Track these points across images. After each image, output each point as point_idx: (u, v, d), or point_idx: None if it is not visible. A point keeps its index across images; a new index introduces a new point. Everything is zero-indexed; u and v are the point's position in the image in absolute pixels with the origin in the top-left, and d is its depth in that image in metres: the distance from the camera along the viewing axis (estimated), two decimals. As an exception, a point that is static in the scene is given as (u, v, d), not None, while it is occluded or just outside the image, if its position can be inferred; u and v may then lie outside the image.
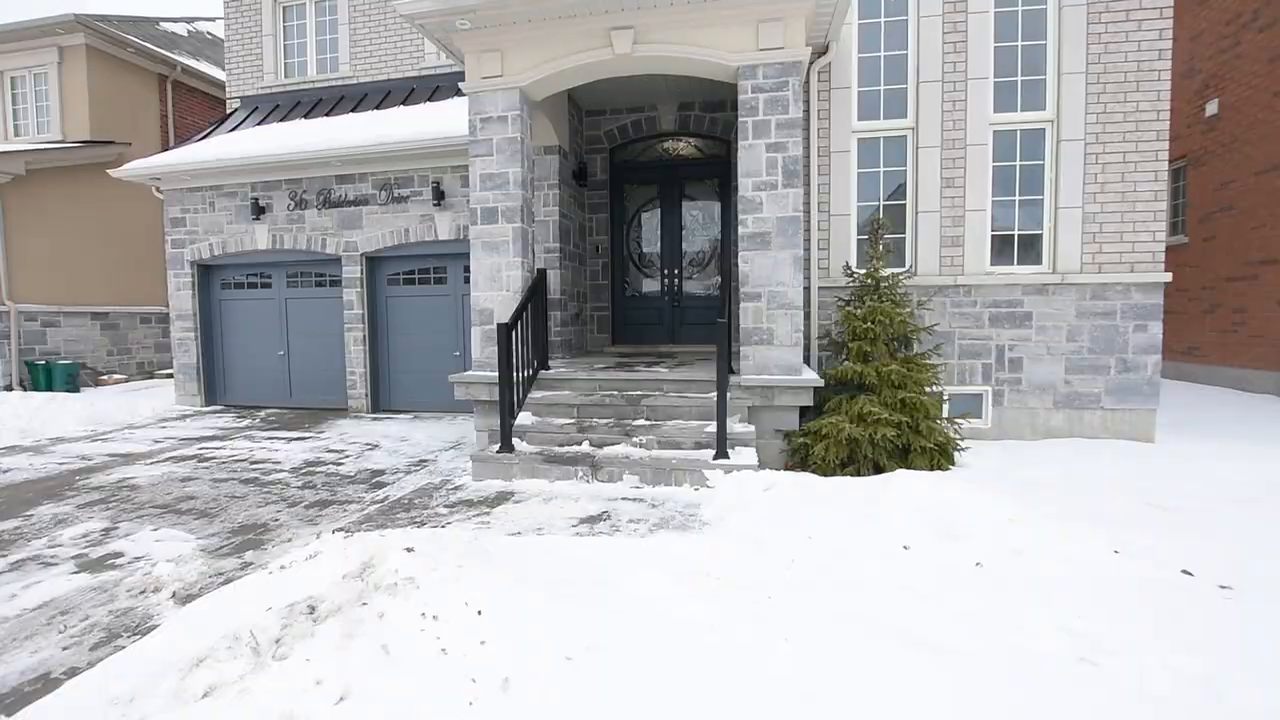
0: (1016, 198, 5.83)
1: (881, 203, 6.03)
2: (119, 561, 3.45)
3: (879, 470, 4.64)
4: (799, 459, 4.95)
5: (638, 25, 5.12)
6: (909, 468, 4.59)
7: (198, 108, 13.28)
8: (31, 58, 11.31)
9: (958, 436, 4.98)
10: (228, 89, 10.51)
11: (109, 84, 11.52)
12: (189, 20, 13.93)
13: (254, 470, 5.45)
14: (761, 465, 4.73)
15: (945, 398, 5.73)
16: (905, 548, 3.13)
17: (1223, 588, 2.74)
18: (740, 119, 5.09)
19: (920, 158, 5.83)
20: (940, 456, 4.76)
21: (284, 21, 10.27)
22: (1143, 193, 5.57)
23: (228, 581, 3.06)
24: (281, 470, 5.45)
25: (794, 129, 5.00)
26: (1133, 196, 5.58)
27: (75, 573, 3.30)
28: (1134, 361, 5.64)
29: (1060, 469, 4.79)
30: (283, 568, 2.75)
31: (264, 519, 4.17)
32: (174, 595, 3.00)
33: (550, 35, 5.31)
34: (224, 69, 10.84)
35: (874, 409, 4.71)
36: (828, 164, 5.98)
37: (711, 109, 7.59)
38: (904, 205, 5.97)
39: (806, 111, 5.91)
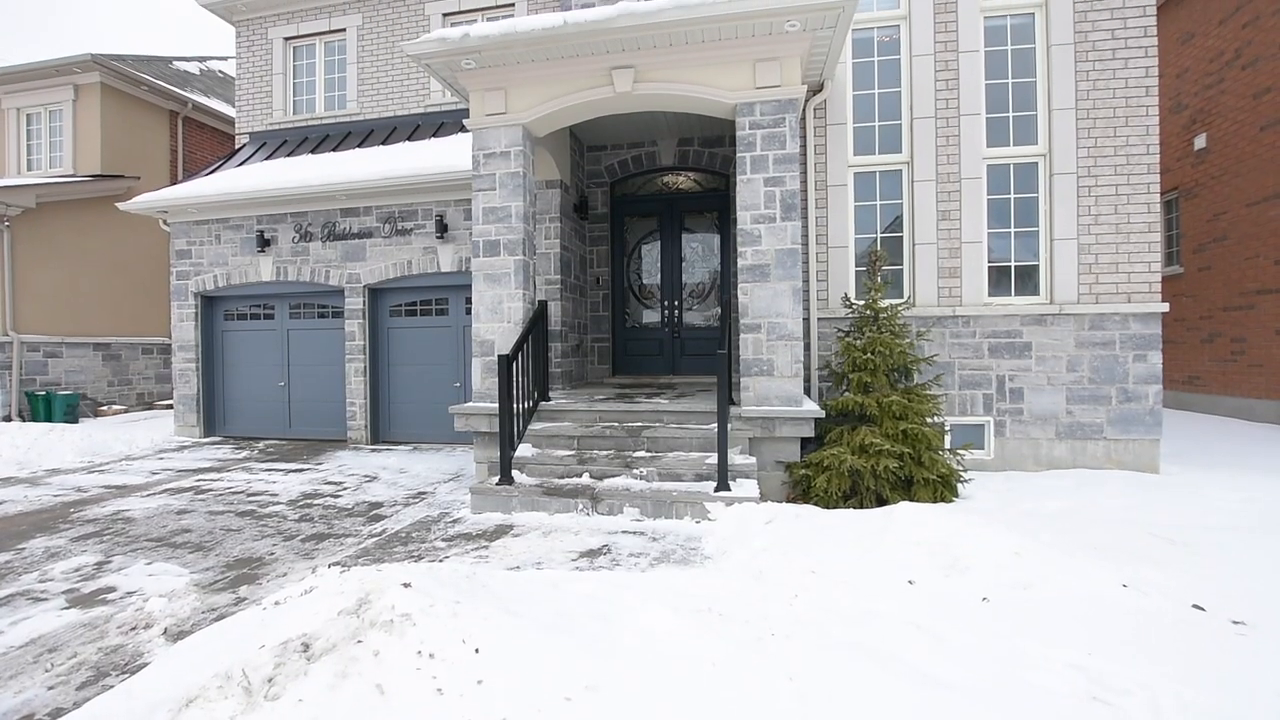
0: (1012, 229, 5.91)
1: (879, 235, 6.10)
2: (110, 597, 3.39)
3: (882, 502, 4.60)
4: (801, 491, 4.90)
5: (638, 65, 5.27)
6: (912, 499, 4.55)
7: (207, 143, 13.57)
8: (48, 95, 11.62)
9: (960, 468, 4.94)
10: (237, 125, 10.76)
11: (122, 120, 11.80)
12: (202, 59, 14.34)
13: (251, 503, 5.40)
14: (763, 497, 4.69)
15: (947, 429, 5.71)
16: (910, 582, 3.08)
17: (1235, 623, 2.68)
18: (738, 154, 5.19)
19: (916, 191, 5.93)
20: (943, 488, 4.72)
21: (294, 61, 10.56)
22: (1136, 224, 5.64)
23: (221, 618, 3.01)
24: (278, 503, 5.39)
25: (791, 164, 5.10)
26: (1126, 228, 5.66)
27: (65, 608, 3.24)
28: (1135, 391, 5.63)
29: (1065, 500, 4.74)
30: (277, 603, 2.70)
31: (259, 553, 4.11)
32: (165, 632, 2.94)
33: (553, 74, 5.45)
34: (234, 105, 11.12)
35: (875, 440, 4.69)
36: (825, 197, 6.07)
37: (710, 144, 7.74)
38: (901, 237, 6.05)
39: (803, 146, 6.03)
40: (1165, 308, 5.60)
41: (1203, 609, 2.80)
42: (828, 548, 3.51)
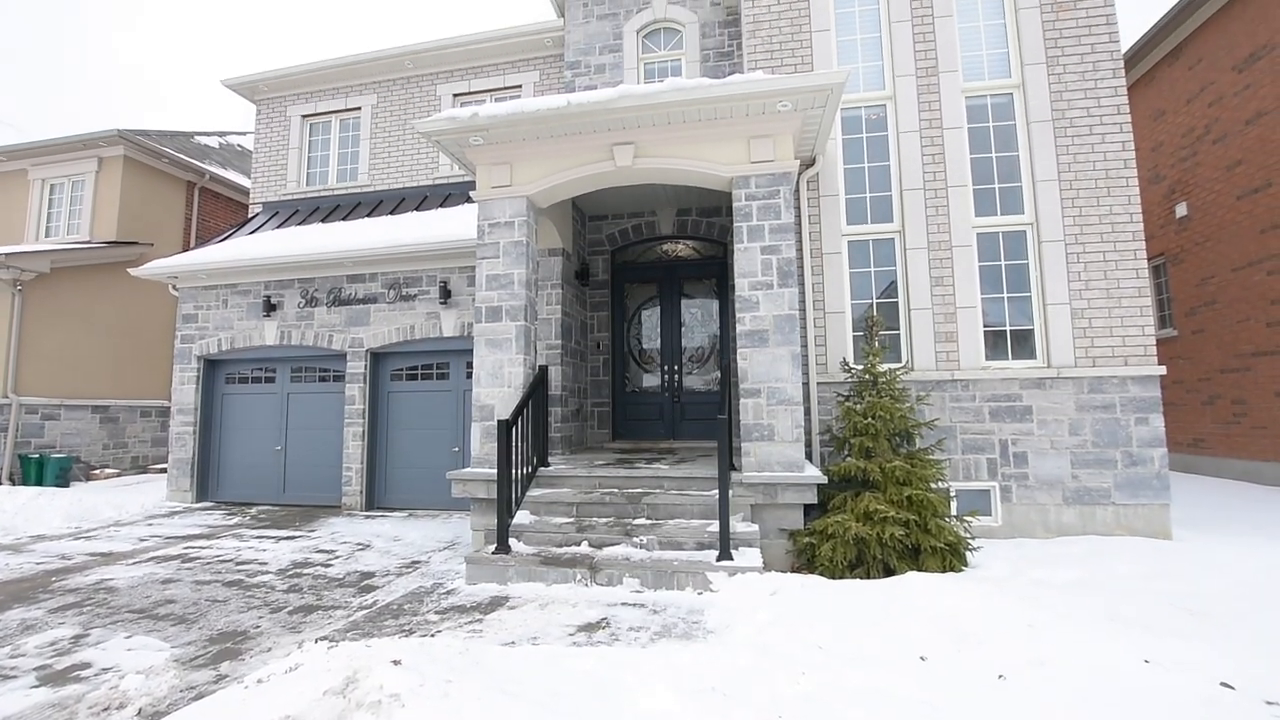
0: (1005, 295, 6.02)
1: (874, 300, 6.21)
2: (85, 673, 3.24)
3: (889, 571, 4.46)
4: (805, 560, 4.77)
5: (638, 141, 5.53)
6: (920, 569, 4.42)
7: (222, 212, 14.03)
8: (72, 167, 12.11)
9: (968, 535, 4.82)
10: (252, 195, 11.17)
11: (140, 190, 12.24)
12: (222, 134, 15.05)
13: (239, 572, 5.24)
14: (766, 567, 4.55)
15: (952, 494, 5.62)
16: (922, 658, 2.95)
17: (1270, 704, 2.55)
18: (735, 224, 5.36)
19: (909, 258, 6.08)
20: (952, 557, 4.59)
21: (310, 136, 11.10)
22: (1126, 289, 5.75)
23: (200, 696, 2.86)
24: (267, 572, 5.24)
25: (787, 233, 5.26)
26: (1117, 293, 5.76)
27: (35, 686, 3.09)
28: (1140, 455, 5.58)
29: (1078, 569, 4.60)
30: (260, 681, 2.58)
31: (245, 626, 3.95)
32: (140, 712, 2.79)
33: (556, 150, 5.71)
34: (250, 177, 11.58)
35: (880, 507, 4.60)
36: (820, 264, 6.22)
37: (708, 214, 8.01)
38: (896, 303, 6.15)
39: (798, 216, 6.23)
40: (1162, 370, 5.63)
41: (1232, 687, 2.67)
42: (835, 621, 3.39)
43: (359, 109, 10.79)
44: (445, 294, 8.05)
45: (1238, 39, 8.49)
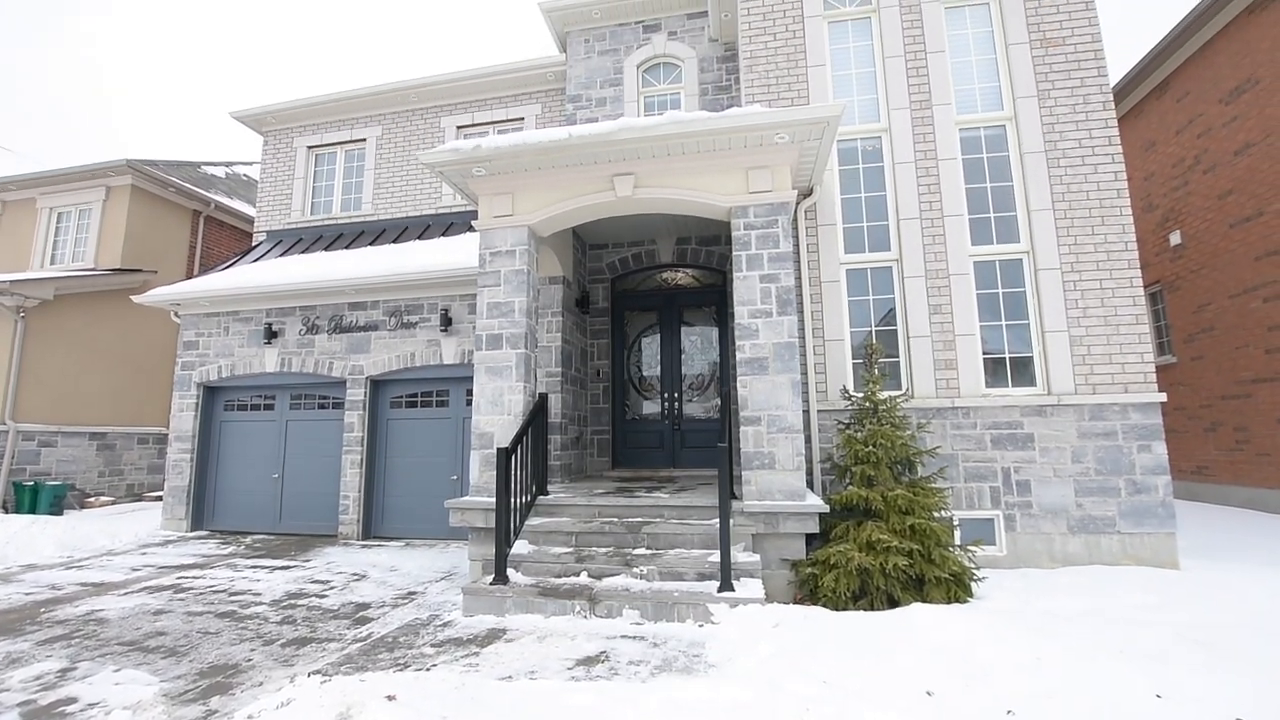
0: (1003, 322, 6.05)
1: (874, 328, 6.24)
2: (70, 709, 3.16)
3: (893, 603, 4.39)
4: (808, 591, 4.69)
5: (638, 172, 5.62)
6: (924, 599, 4.35)
7: (226, 240, 14.18)
8: (80, 195, 12.27)
9: (973, 565, 4.75)
10: (256, 224, 11.30)
11: (146, 218, 12.39)
12: (228, 164, 15.29)
13: (232, 602, 5.15)
14: (769, 598, 4.48)
15: (955, 523, 5.55)
16: (929, 693, 2.88)
17: (1283, 742, 2.49)
18: (735, 253, 5.41)
19: (907, 286, 6.12)
20: (957, 587, 4.51)
21: (315, 166, 11.28)
22: (1124, 316, 5.78)
23: (187, 735, 2.79)
24: (261, 603, 5.15)
25: (785, 262, 5.30)
26: (1115, 320, 5.79)
27: (20, 724, 3.02)
28: (1144, 483, 5.53)
29: (1085, 599, 4.53)
30: (250, 717, 2.52)
31: (236, 659, 3.87)
32: (126, 752, 2.72)
33: (557, 181, 5.80)
34: (255, 206, 11.73)
35: (883, 536, 4.54)
36: (819, 293, 6.26)
37: (707, 243, 8.09)
38: (895, 330, 6.17)
39: (796, 245, 6.29)
40: (1163, 397, 5.62)
41: (1246, 725, 2.61)
42: (840, 654, 3.32)
43: (364, 140, 10.99)
44: (446, 321, 8.09)
45: (1223, 73, 8.69)
